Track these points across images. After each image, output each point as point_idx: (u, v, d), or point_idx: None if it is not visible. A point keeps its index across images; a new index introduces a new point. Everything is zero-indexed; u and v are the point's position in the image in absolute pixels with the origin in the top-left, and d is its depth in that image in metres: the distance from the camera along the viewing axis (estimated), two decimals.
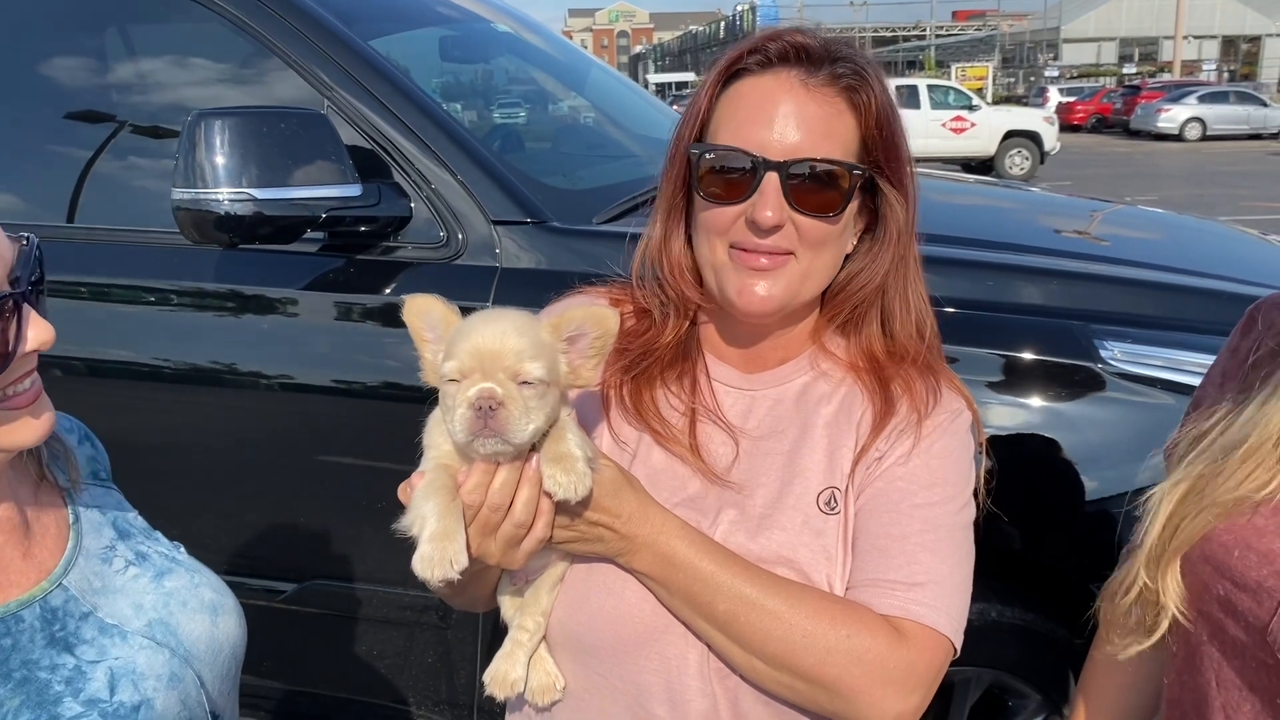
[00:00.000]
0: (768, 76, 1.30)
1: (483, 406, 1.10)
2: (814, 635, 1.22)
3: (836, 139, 1.29)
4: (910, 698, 1.24)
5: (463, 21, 3.71)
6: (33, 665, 1.09)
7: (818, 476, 1.33)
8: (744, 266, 1.31)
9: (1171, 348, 2.13)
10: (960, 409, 1.38)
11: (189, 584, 1.28)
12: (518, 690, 1.33)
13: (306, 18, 2.58)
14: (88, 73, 2.93)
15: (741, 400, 1.41)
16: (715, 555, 1.26)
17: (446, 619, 2.49)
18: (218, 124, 2.25)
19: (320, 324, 2.50)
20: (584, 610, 1.31)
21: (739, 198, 1.29)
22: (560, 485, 1.15)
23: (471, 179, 2.44)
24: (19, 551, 1.15)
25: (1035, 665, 2.36)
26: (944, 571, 1.28)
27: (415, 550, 1.14)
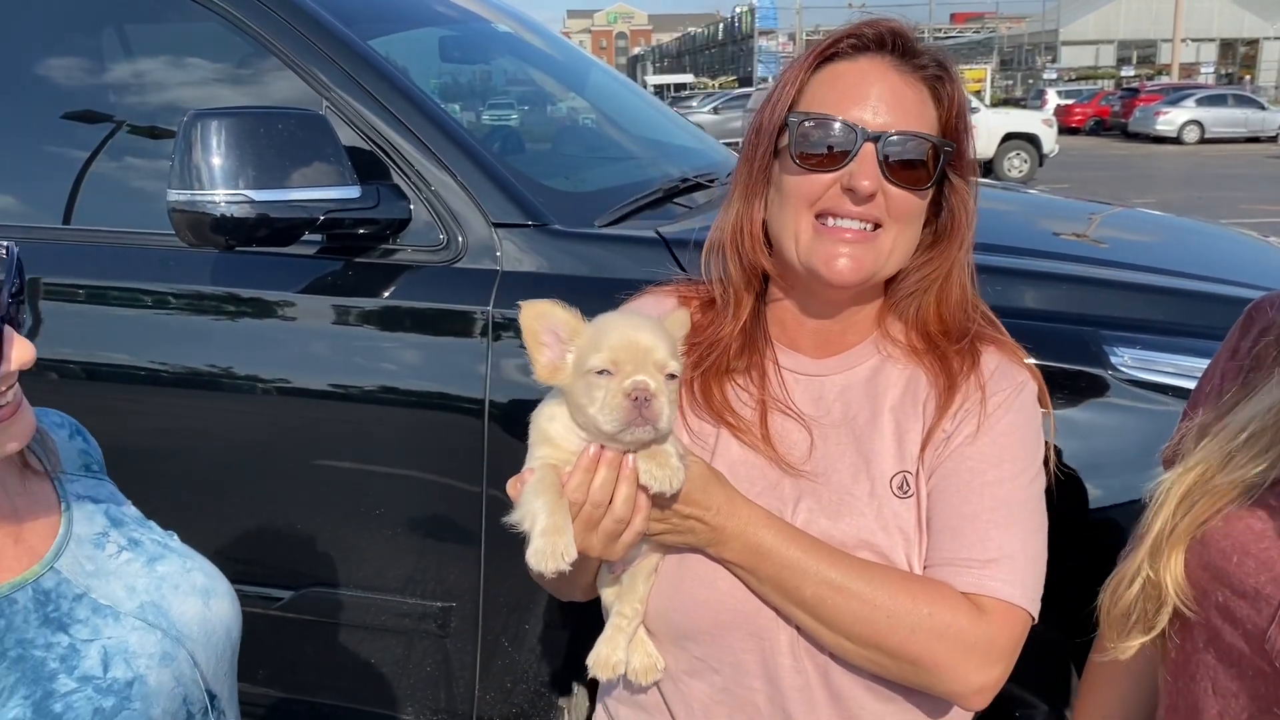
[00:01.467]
0: (862, 60, 1.38)
1: (639, 397, 1.20)
2: (898, 614, 1.29)
3: (923, 121, 1.37)
4: (992, 669, 1.32)
5: (463, 22, 3.68)
6: (28, 644, 1.13)
7: (890, 461, 1.39)
8: (831, 237, 1.36)
9: (1180, 354, 2.10)
10: (1024, 381, 1.43)
11: (181, 568, 1.31)
12: (619, 672, 1.41)
13: (305, 17, 2.55)
14: (84, 73, 2.90)
15: (812, 387, 1.46)
16: (800, 542, 1.32)
17: (445, 627, 2.47)
18: (214, 124, 2.22)
19: (318, 327, 2.47)
20: (679, 598, 1.39)
21: (835, 166, 1.35)
22: (656, 479, 1.23)
23: (472, 181, 2.42)
24: (10, 539, 1.19)
25: (1041, 674, 2.33)
26: (1016, 546, 1.35)
27: (529, 544, 1.22)
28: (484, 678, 2.47)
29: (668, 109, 4.46)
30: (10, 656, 1.11)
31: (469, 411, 2.31)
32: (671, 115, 4.26)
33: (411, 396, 2.40)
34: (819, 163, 1.35)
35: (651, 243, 2.41)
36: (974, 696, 1.33)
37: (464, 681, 2.50)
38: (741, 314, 1.46)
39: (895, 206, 1.36)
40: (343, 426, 2.47)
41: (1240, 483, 1.14)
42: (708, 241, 1.51)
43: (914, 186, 1.35)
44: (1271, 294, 1.33)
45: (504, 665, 2.45)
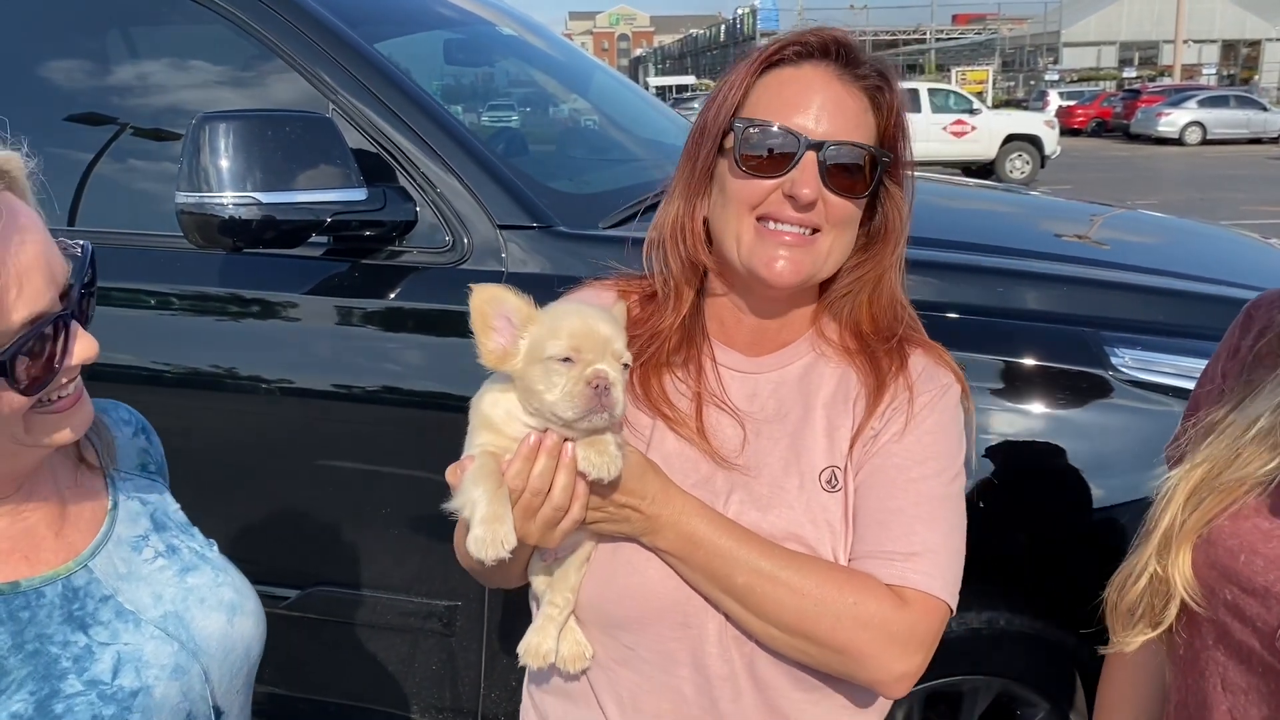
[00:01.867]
0: (806, 67, 1.41)
1: (599, 385, 1.23)
2: (825, 603, 1.33)
3: (863, 130, 1.41)
4: (913, 658, 1.35)
5: (467, 25, 3.70)
6: (46, 639, 1.14)
7: (819, 456, 1.43)
8: (772, 240, 1.40)
9: (1181, 354, 2.12)
10: (949, 383, 1.47)
11: (211, 582, 1.33)
12: (549, 660, 1.43)
13: (311, 21, 2.57)
14: (91, 75, 2.92)
15: (746, 384, 1.50)
16: (732, 532, 1.36)
17: (450, 626, 2.48)
18: (222, 127, 2.24)
19: (325, 328, 2.49)
20: (611, 587, 1.41)
21: (777, 172, 1.39)
22: (594, 466, 1.25)
23: (477, 183, 2.44)
24: (52, 531, 1.21)
25: (1044, 674, 2.35)
26: (938, 541, 1.39)
27: (469, 531, 1.24)
28: (489, 676, 2.49)
29: (670, 110, 4.48)
30: (27, 650, 1.12)
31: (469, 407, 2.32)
32: (673, 116, 4.28)
33: (417, 397, 2.42)
34: (762, 168, 1.39)
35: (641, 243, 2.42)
36: (894, 684, 1.36)
37: (469, 680, 2.52)
38: (681, 308, 1.49)
39: (834, 212, 1.40)
40: (349, 426, 2.48)
41: (1249, 479, 1.15)
42: (649, 236, 1.54)
43: (852, 194, 1.40)
44: (1270, 292, 1.34)
45: (508, 664, 2.47)
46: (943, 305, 2.26)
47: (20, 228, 1.04)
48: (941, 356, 1.49)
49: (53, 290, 1.08)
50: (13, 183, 1.08)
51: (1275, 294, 1.33)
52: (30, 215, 1.08)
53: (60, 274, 1.10)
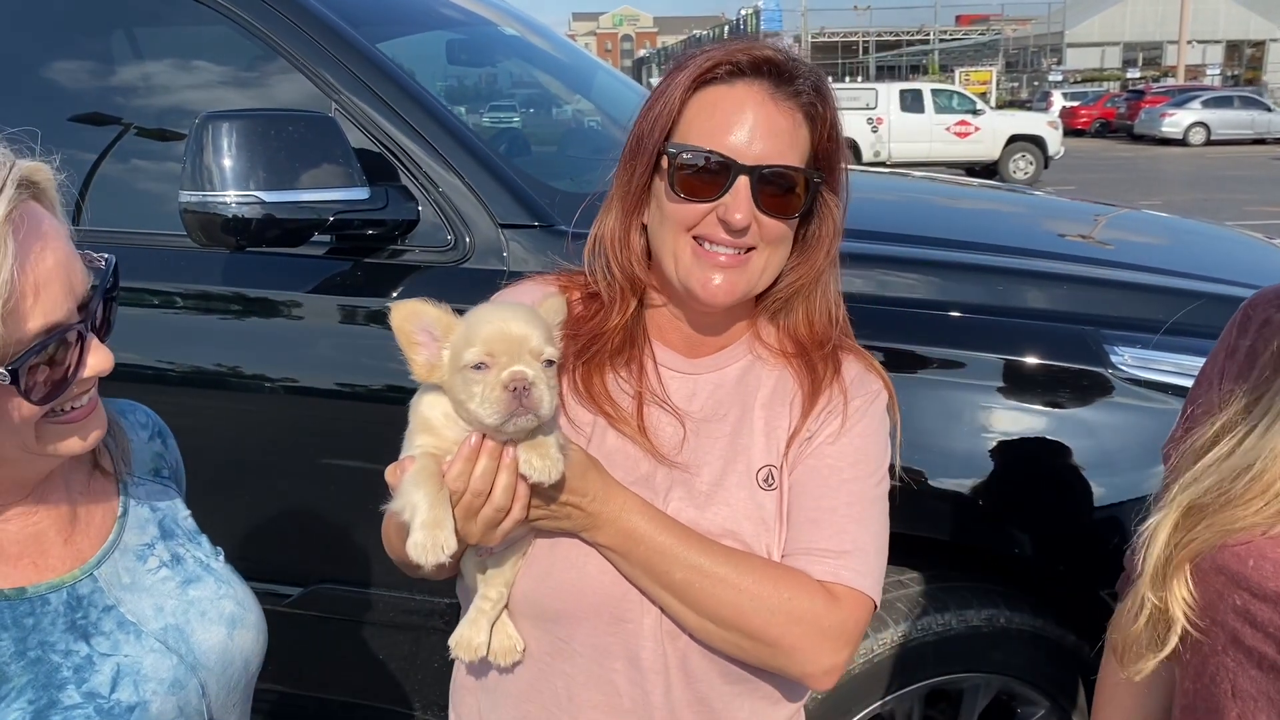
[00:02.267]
0: (739, 86, 1.42)
1: (517, 388, 1.21)
2: (760, 598, 1.36)
3: (796, 149, 1.42)
4: (842, 651, 1.39)
5: (469, 25, 3.71)
6: (48, 647, 1.13)
7: (757, 455, 1.46)
8: (707, 261, 1.42)
9: (1181, 353, 2.12)
10: (878, 390, 1.51)
11: (213, 594, 1.32)
12: (481, 654, 1.44)
13: (314, 21, 2.57)
14: (95, 75, 2.93)
15: (686, 384, 1.52)
16: (671, 529, 1.38)
17: (452, 624, 2.48)
18: (225, 126, 2.25)
19: (327, 327, 2.50)
20: (548, 582, 1.42)
21: (711, 196, 1.40)
22: (535, 469, 1.25)
23: (479, 182, 2.44)
24: (61, 537, 1.21)
25: (1043, 671, 2.35)
26: (867, 540, 1.42)
27: (409, 536, 1.23)
28: None
29: None
30: (29, 657, 1.12)
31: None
32: None
33: None
34: (696, 192, 1.40)
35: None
36: (823, 677, 1.40)
37: None
38: (625, 312, 1.51)
39: (768, 233, 1.41)
40: (351, 425, 2.49)
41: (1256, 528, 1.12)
42: (590, 238, 1.55)
43: (785, 214, 1.41)
44: (1266, 290, 1.32)
45: None
46: (944, 304, 2.27)
47: (42, 235, 1.04)
48: (871, 364, 1.53)
49: (71, 301, 1.08)
50: (40, 193, 1.08)
51: (1273, 291, 1.30)
52: (54, 225, 1.08)
53: (80, 285, 1.10)
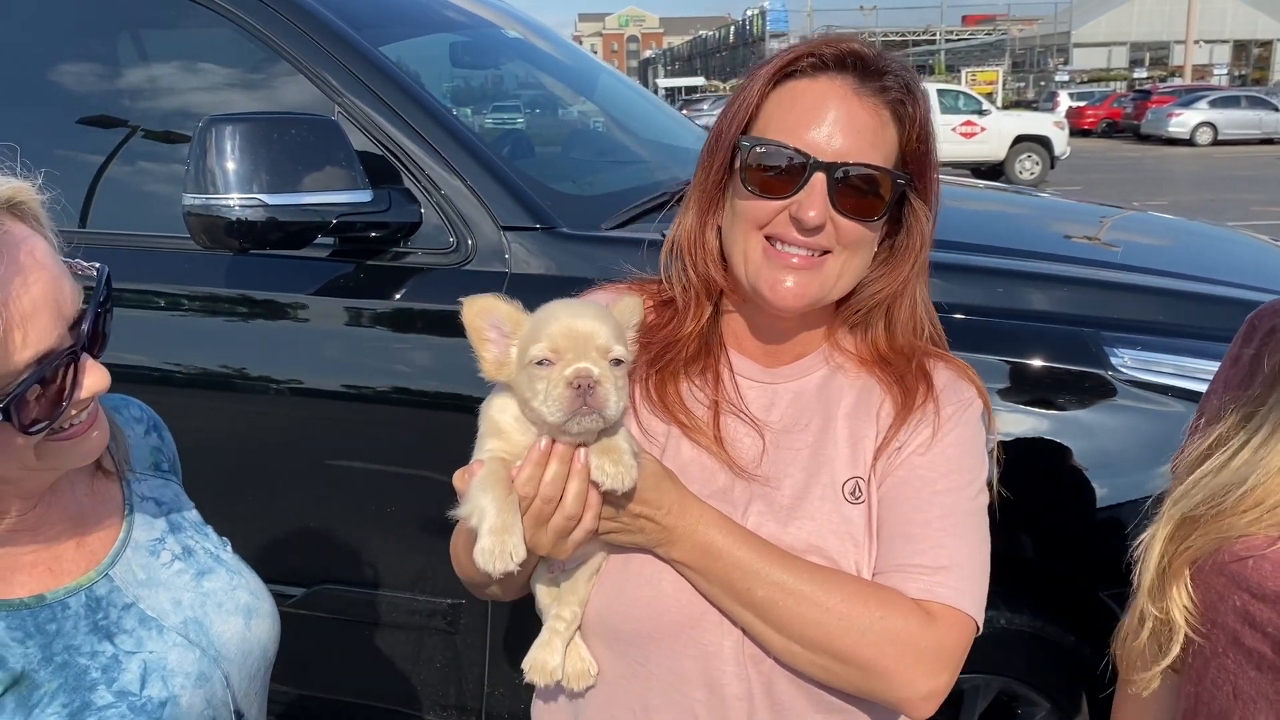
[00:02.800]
0: (822, 80, 1.34)
1: (581, 385, 1.16)
2: (849, 618, 1.27)
3: (881, 148, 1.33)
4: (940, 676, 1.29)
5: (473, 27, 3.72)
6: (74, 650, 1.13)
7: (842, 467, 1.38)
8: (778, 262, 1.35)
9: (1182, 355, 2.12)
10: (971, 398, 1.42)
11: (227, 585, 1.32)
12: (556, 678, 1.38)
13: (317, 24, 2.59)
14: (100, 78, 2.95)
15: (764, 394, 1.45)
16: (751, 544, 1.30)
17: (455, 624, 2.50)
18: (229, 129, 2.26)
19: (331, 329, 2.51)
20: (621, 600, 1.36)
21: (784, 194, 1.33)
22: (608, 476, 1.19)
23: (481, 185, 2.45)
24: (73, 541, 1.21)
25: (1045, 673, 2.35)
26: (965, 555, 1.33)
27: (475, 542, 1.18)
28: (493, 674, 2.50)
29: (675, 112, 4.49)
30: (57, 662, 1.11)
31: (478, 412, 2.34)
32: (679, 118, 4.29)
33: (422, 397, 2.43)
34: (768, 188, 1.33)
35: (658, 245, 2.43)
36: (921, 703, 1.30)
37: (473, 678, 2.53)
38: (701, 317, 1.45)
39: (845, 235, 1.34)
40: (354, 426, 2.50)
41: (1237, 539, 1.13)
42: (666, 242, 1.50)
43: (864, 217, 1.33)
44: (1274, 301, 1.32)
45: (513, 662, 2.48)
46: (945, 306, 2.27)
47: (22, 268, 1.00)
48: (965, 371, 1.44)
49: (60, 326, 1.05)
50: (24, 214, 1.05)
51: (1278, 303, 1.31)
52: (39, 251, 1.04)
53: (70, 307, 1.06)
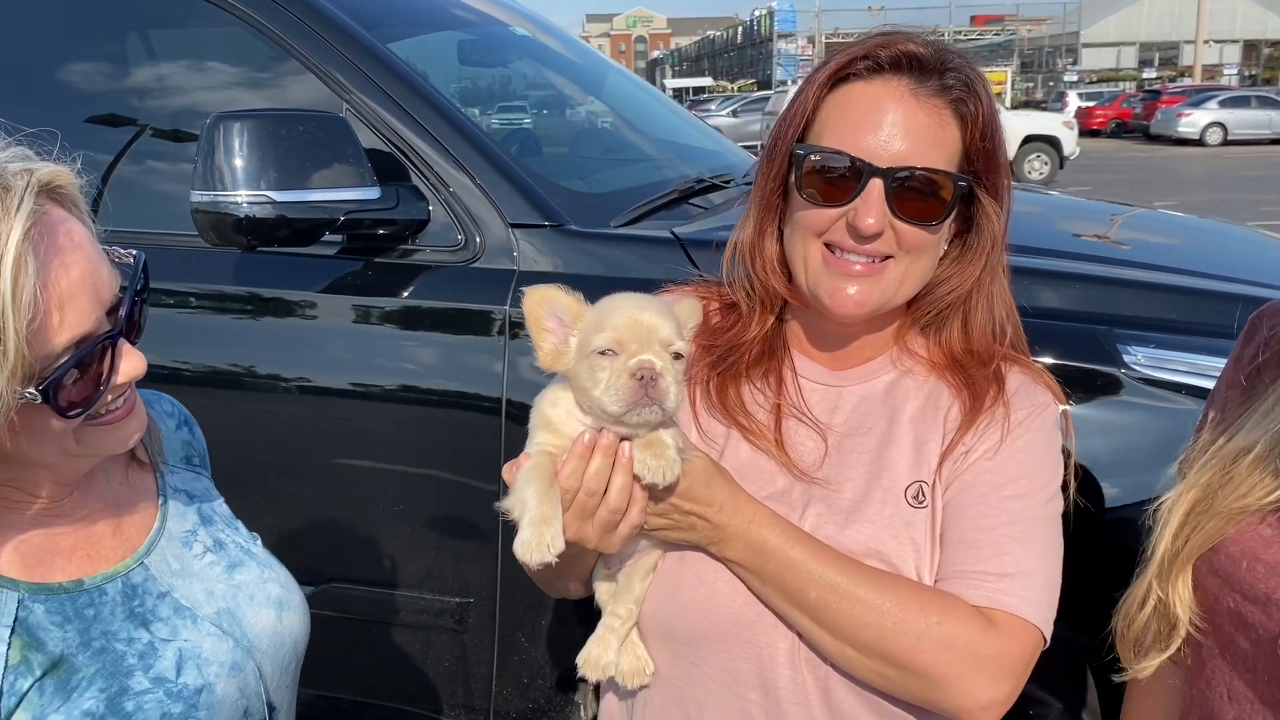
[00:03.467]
0: (877, 83, 1.32)
1: (644, 376, 1.17)
2: (905, 622, 1.25)
3: (941, 149, 1.31)
4: (1001, 686, 1.27)
5: (481, 25, 3.71)
6: (111, 636, 1.15)
7: (905, 470, 1.36)
8: (838, 269, 1.33)
9: (1196, 353, 2.10)
10: (1046, 402, 1.40)
11: (258, 578, 1.34)
12: (609, 674, 1.38)
13: (326, 21, 2.58)
14: (109, 77, 2.95)
15: (828, 396, 1.44)
16: (806, 544, 1.29)
17: (463, 623, 2.49)
18: (236, 126, 2.25)
19: (338, 327, 2.50)
20: (677, 600, 1.36)
21: (841, 201, 1.31)
22: (650, 469, 1.20)
23: (489, 182, 2.45)
24: (109, 528, 1.22)
25: (1055, 673, 2.33)
26: (1032, 563, 1.31)
27: (516, 534, 1.20)
28: (501, 673, 2.49)
29: (684, 110, 4.48)
30: (94, 647, 1.13)
31: (486, 409, 2.34)
32: (687, 117, 4.28)
33: (430, 395, 2.43)
34: (825, 196, 1.32)
35: (666, 243, 2.43)
36: (981, 714, 1.28)
37: (481, 676, 2.52)
38: (765, 323, 1.45)
39: (905, 240, 1.32)
40: (362, 424, 2.49)
41: (1250, 508, 1.12)
42: (730, 246, 1.49)
43: (925, 221, 1.31)
44: (1276, 302, 1.31)
45: (520, 661, 2.48)
46: None
47: (63, 249, 1.01)
48: (1040, 375, 1.42)
49: (98, 310, 1.05)
50: (63, 198, 1.05)
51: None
52: (78, 234, 1.04)
53: (107, 291, 1.07)
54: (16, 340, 0.94)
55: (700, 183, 3.04)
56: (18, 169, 1.00)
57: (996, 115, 1.35)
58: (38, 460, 1.09)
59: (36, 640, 1.09)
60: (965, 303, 1.41)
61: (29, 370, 0.98)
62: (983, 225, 1.38)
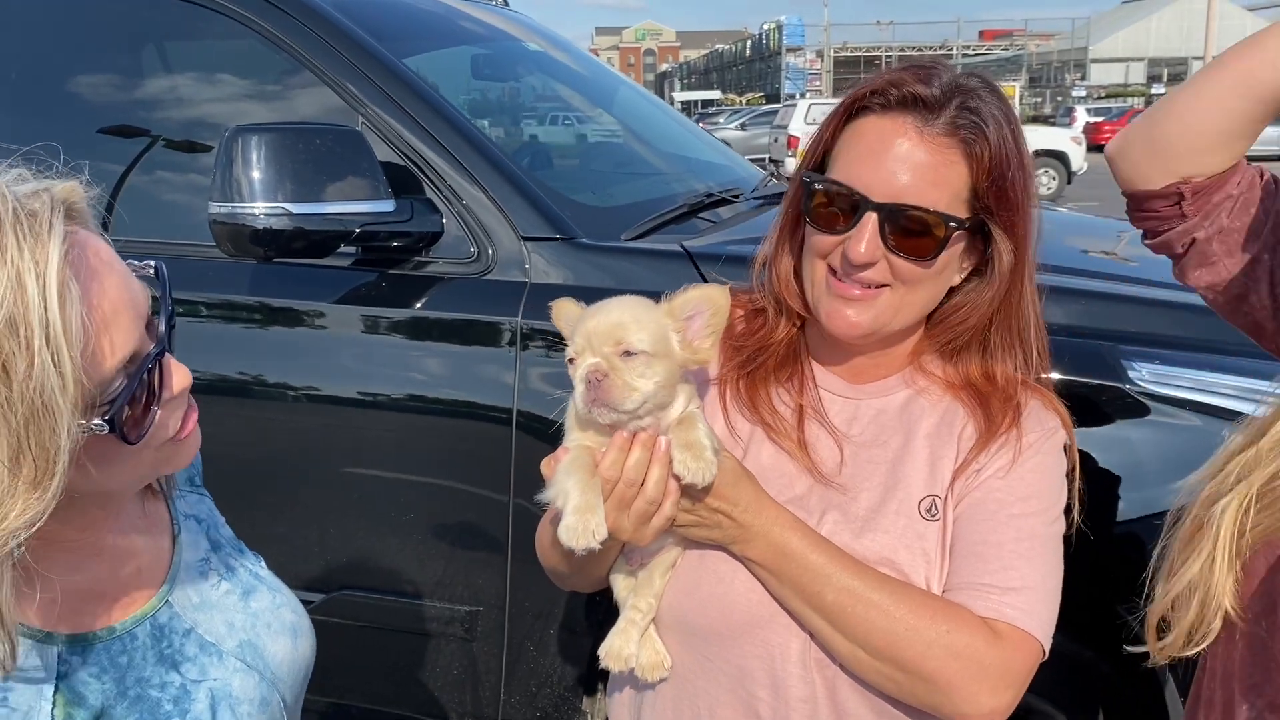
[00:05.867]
0: (887, 119, 1.37)
1: (591, 379, 1.24)
2: (916, 628, 1.30)
3: (945, 187, 1.35)
4: (1004, 695, 1.31)
5: (494, 40, 3.75)
6: (145, 683, 1.11)
7: (919, 484, 1.41)
8: (837, 291, 1.39)
9: (1201, 369, 2.12)
10: (1055, 427, 1.45)
11: (271, 604, 1.31)
12: (630, 665, 1.42)
13: (341, 35, 2.62)
14: (126, 88, 2.99)
15: (846, 408, 1.49)
16: (824, 549, 1.34)
17: (472, 631, 2.51)
18: (254, 139, 2.29)
19: (352, 337, 2.53)
20: (695, 596, 1.40)
21: (838, 230, 1.37)
22: (689, 470, 1.24)
23: (502, 196, 2.48)
24: (134, 567, 1.17)
25: (1060, 686, 2.34)
26: (1036, 579, 1.36)
27: (559, 522, 1.25)
28: (509, 682, 2.51)
29: (693, 124, 4.52)
30: (130, 696, 1.09)
31: (497, 420, 2.36)
32: (697, 131, 4.31)
33: (441, 405, 2.45)
34: (826, 223, 1.39)
35: (676, 256, 2.45)
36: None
37: (489, 685, 2.54)
38: (791, 329, 1.52)
39: (900, 273, 1.37)
40: (374, 433, 2.52)
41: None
42: (759, 256, 1.56)
43: (918, 256, 1.35)
44: None
45: (529, 670, 2.49)
46: None
47: (95, 272, 0.97)
48: (1051, 401, 1.47)
49: (139, 326, 1.01)
50: (79, 214, 1.01)
51: None
52: (105, 251, 1.00)
53: (143, 305, 1.03)
54: (74, 370, 0.90)
55: (709, 197, 3.07)
56: (32, 189, 0.94)
57: (1011, 154, 1.36)
58: (112, 489, 1.06)
59: (78, 696, 1.05)
60: (985, 332, 1.45)
61: (89, 400, 0.94)
62: (993, 259, 1.42)
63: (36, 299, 0.87)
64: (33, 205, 0.91)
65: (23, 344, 0.87)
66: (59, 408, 0.89)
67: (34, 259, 0.88)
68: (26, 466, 0.88)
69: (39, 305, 0.87)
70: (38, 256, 0.88)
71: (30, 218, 0.90)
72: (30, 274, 0.87)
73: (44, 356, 0.87)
